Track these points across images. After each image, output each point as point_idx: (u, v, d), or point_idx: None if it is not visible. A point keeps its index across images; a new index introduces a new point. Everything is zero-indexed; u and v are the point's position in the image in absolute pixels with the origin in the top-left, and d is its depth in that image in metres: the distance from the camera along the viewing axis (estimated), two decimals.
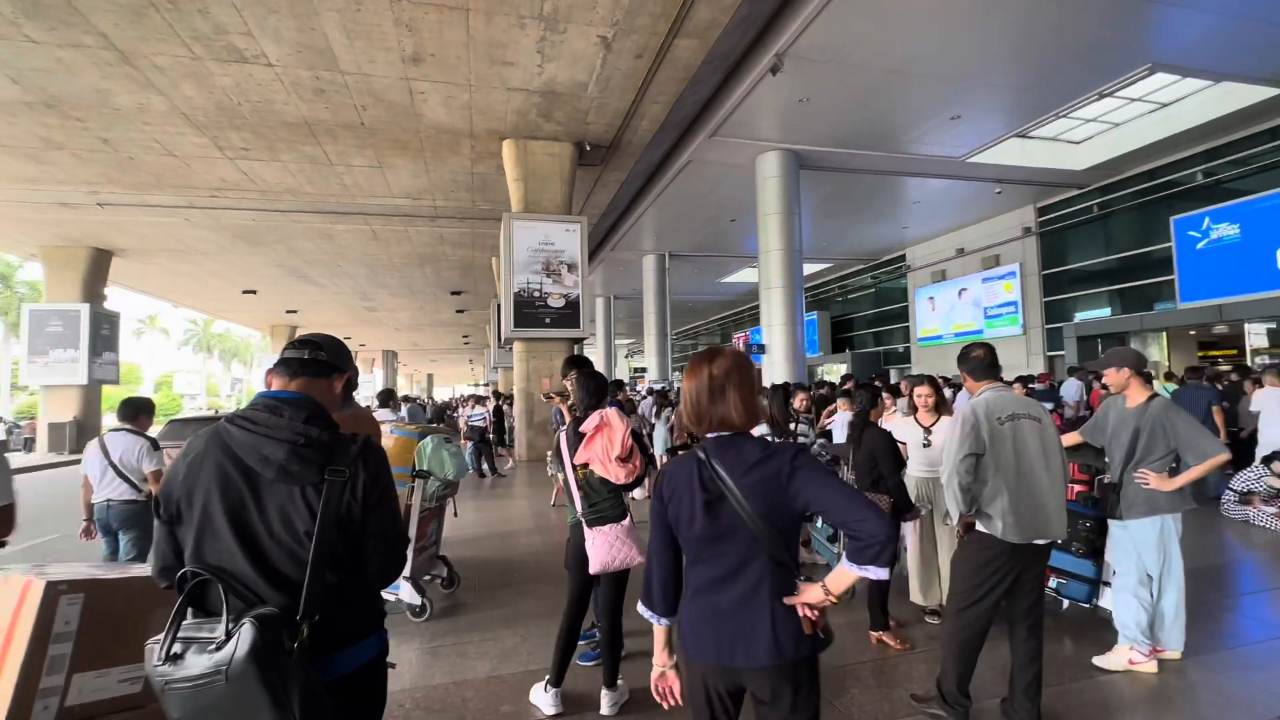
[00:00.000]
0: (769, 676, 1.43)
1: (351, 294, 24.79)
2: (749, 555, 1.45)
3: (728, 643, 1.45)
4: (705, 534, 1.47)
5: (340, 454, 1.37)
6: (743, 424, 1.51)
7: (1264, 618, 3.65)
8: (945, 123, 10.71)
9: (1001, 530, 2.42)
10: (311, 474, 1.32)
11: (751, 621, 1.44)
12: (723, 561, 1.48)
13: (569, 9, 7.46)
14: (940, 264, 18.94)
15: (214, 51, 8.04)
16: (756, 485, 1.43)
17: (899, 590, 3.90)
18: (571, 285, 11.46)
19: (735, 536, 1.45)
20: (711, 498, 1.46)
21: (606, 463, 2.66)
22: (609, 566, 2.69)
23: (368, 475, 1.37)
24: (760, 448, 1.48)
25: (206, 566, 1.28)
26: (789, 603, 1.44)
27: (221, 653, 1.15)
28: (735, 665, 1.45)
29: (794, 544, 1.50)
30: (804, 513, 1.46)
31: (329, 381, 1.52)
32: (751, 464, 1.45)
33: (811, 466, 1.44)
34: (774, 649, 1.42)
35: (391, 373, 46.99)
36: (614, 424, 2.70)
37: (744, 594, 1.45)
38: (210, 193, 13.09)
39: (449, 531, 5.93)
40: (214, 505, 1.31)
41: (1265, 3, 7.55)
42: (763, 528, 1.42)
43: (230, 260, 18.97)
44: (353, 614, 1.38)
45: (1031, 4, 7.43)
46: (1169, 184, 12.85)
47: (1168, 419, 3.00)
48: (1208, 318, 12.05)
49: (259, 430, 1.33)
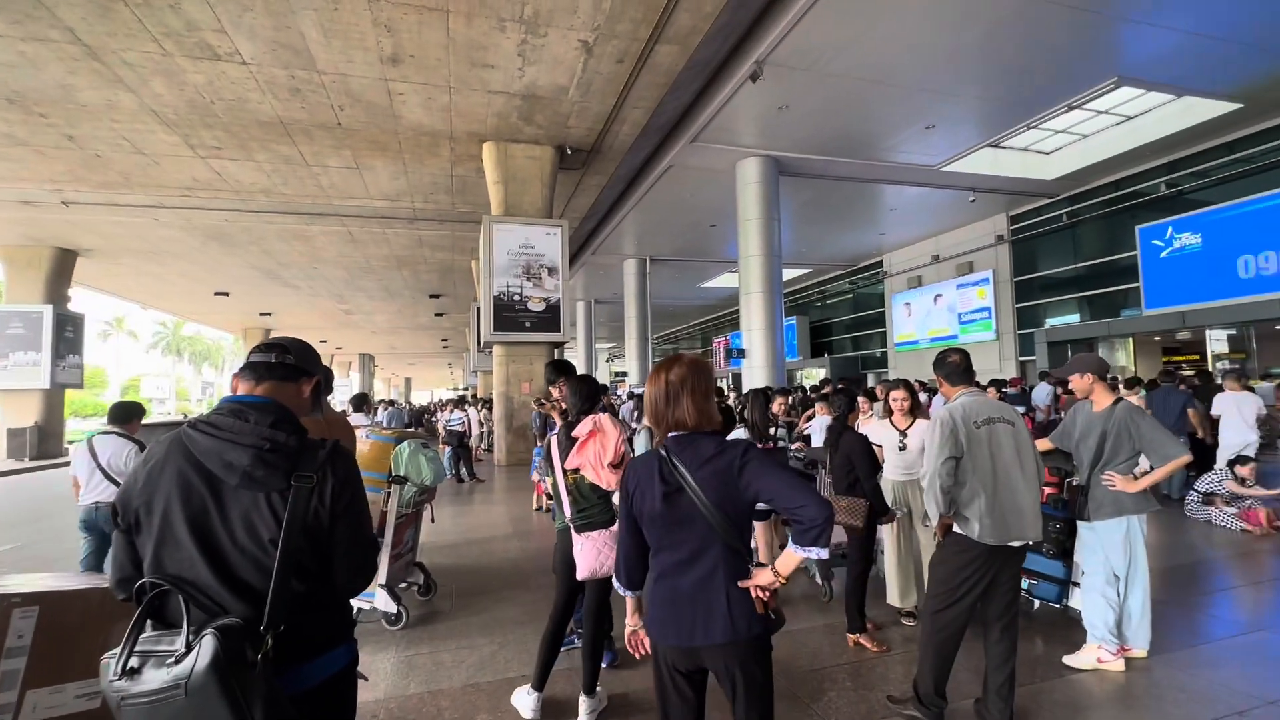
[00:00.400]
0: (725, 653, 1.56)
1: (327, 296, 24.39)
2: (705, 542, 1.58)
3: (687, 625, 1.57)
4: (666, 522, 1.61)
5: (308, 459, 1.33)
6: (695, 425, 1.65)
7: (1225, 616, 3.76)
8: (920, 132, 10.92)
9: (978, 532, 2.46)
10: (277, 480, 1.29)
11: (708, 603, 1.56)
12: (682, 548, 1.61)
13: (550, 13, 7.45)
14: (916, 270, 19.27)
15: (186, 48, 7.87)
16: (711, 478, 1.56)
17: (876, 593, 3.94)
18: (552, 289, 11.42)
19: (693, 525, 1.58)
20: (671, 489, 1.60)
21: (599, 469, 2.64)
22: (596, 573, 2.68)
23: (336, 481, 1.33)
24: (714, 444, 1.62)
25: (166, 577, 1.24)
26: (743, 585, 1.57)
27: (181, 666, 1.11)
28: (695, 645, 1.57)
29: (746, 532, 1.63)
30: (754, 502, 1.58)
31: (297, 386, 1.48)
32: (706, 459, 1.59)
33: (759, 460, 1.57)
34: (730, 628, 1.54)
35: (368, 376, 46.30)
36: (607, 430, 2.69)
37: (701, 577, 1.58)
38: (181, 192, 12.79)
39: (426, 538, 5.85)
40: (175, 513, 1.26)
41: (1222, 21, 7.85)
42: (717, 517, 1.55)
43: (201, 261, 18.53)
44: (320, 624, 1.34)
45: (1001, 18, 7.62)
46: (1134, 194, 13.26)
47: (1132, 422, 3.09)
48: (1171, 324, 12.43)
49: (223, 435, 1.29)
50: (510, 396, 11.53)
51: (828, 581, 4.13)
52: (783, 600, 4.05)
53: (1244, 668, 3.03)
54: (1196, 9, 7.60)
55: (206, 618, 1.19)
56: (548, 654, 2.78)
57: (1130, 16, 7.68)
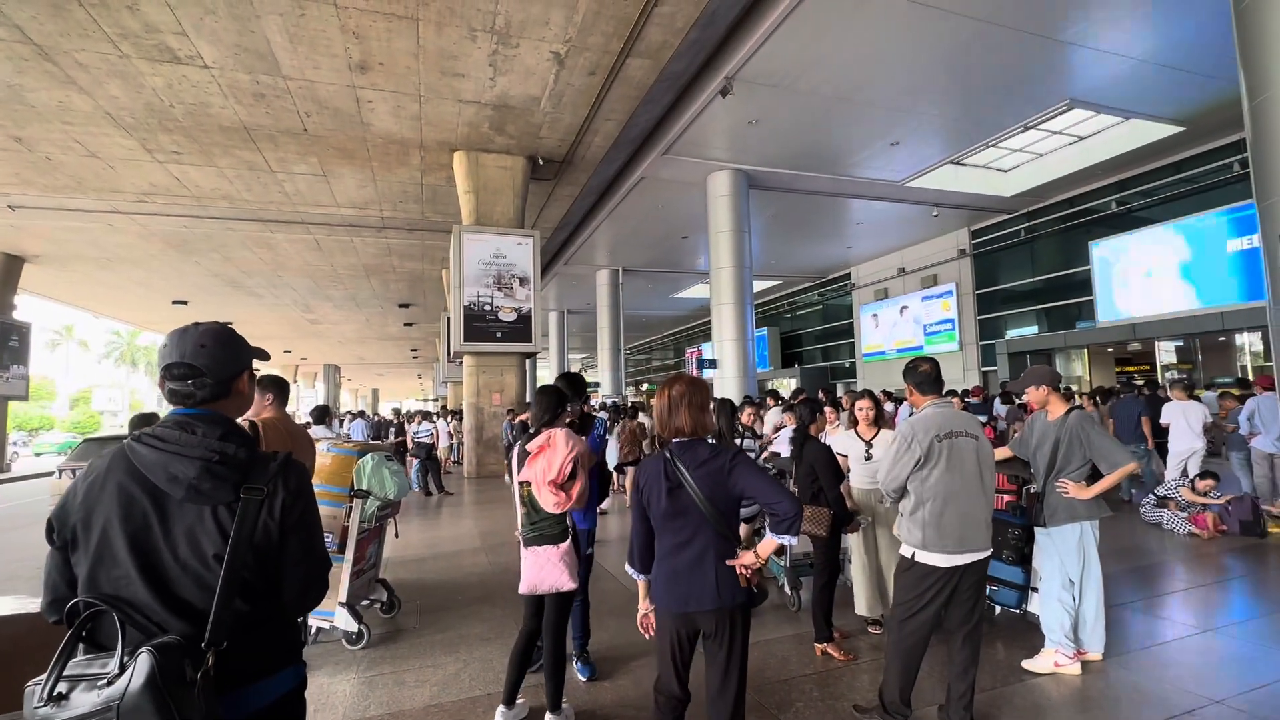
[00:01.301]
0: (713, 617, 1.94)
1: (292, 305, 23.80)
2: (699, 529, 1.96)
3: (682, 595, 1.96)
4: (667, 512, 1.98)
5: (258, 471, 1.28)
6: (690, 432, 2.02)
7: (1175, 617, 3.89)
8: (885, 148, 11.22)
9: (922, 541, 2.51)
10: (225, 492, 1.23)
11: (701, 577, 1.94)
12: (681, 533, 1.98)
13: (521, 24, 7.46)
14: (883, 282, 19.71)
15: (144, 51, 7.65)
16: (706, 477, 1.93)
17: (845, 602, 3.97)
18: (524, 299, 11.35)
19: (689, 515, 1.96)
20: (673, 485, 1.97)
21: (541, 485, 2.59)
22: (535, 589, 2.63)
23: (287, 493, 1.28)
24: (709, 450, 1.99)
25: (102, 596, 1.17)
26: (729, 564, 1.95)
27: (113, 687, 1.04)
28: (689, 611, 1.96)
29: (734, 521, 2.00)
30: (740, 498, 1.96)
31: (231, 387, 1.38)
32: (702, 461, 1.96)
33: (745, 463, 1.96)
34: (717, 596, 1.93)
35: (334, 387, 45.22)
36: (557, 445, 2.63)
37: (695, 557, 1.96)
38: (137, 197, 12.37)
39: (390, 553, 5.71)
40: (114, 529, 1.20)
41: (1164, 50, 8.28)
42: (710, 509, 1.93)
43: (158, 269, 17.92)
44: (266, 645, 1.29)
45: (960, 42, 7.91)
46: (1087, 211, 13.82)
47: (1083, 430, 3.19)
48: (1123, 335, 12.95)
49: (168, 448, 1.23)
50: (481, 408, 11.39)
51: (796, 591, 4.15)
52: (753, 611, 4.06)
53: (1193, 668, 3.13)
54: (1141, 37, 8.00)
55: (144, 639, 1.12)
56: (516, 670, 2.72)
57: (1081, 43, 8.05)
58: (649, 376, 39.89)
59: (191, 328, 1.37)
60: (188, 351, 1.32)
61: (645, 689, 3.05)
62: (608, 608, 4.29)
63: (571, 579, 2.65)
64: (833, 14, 7.28)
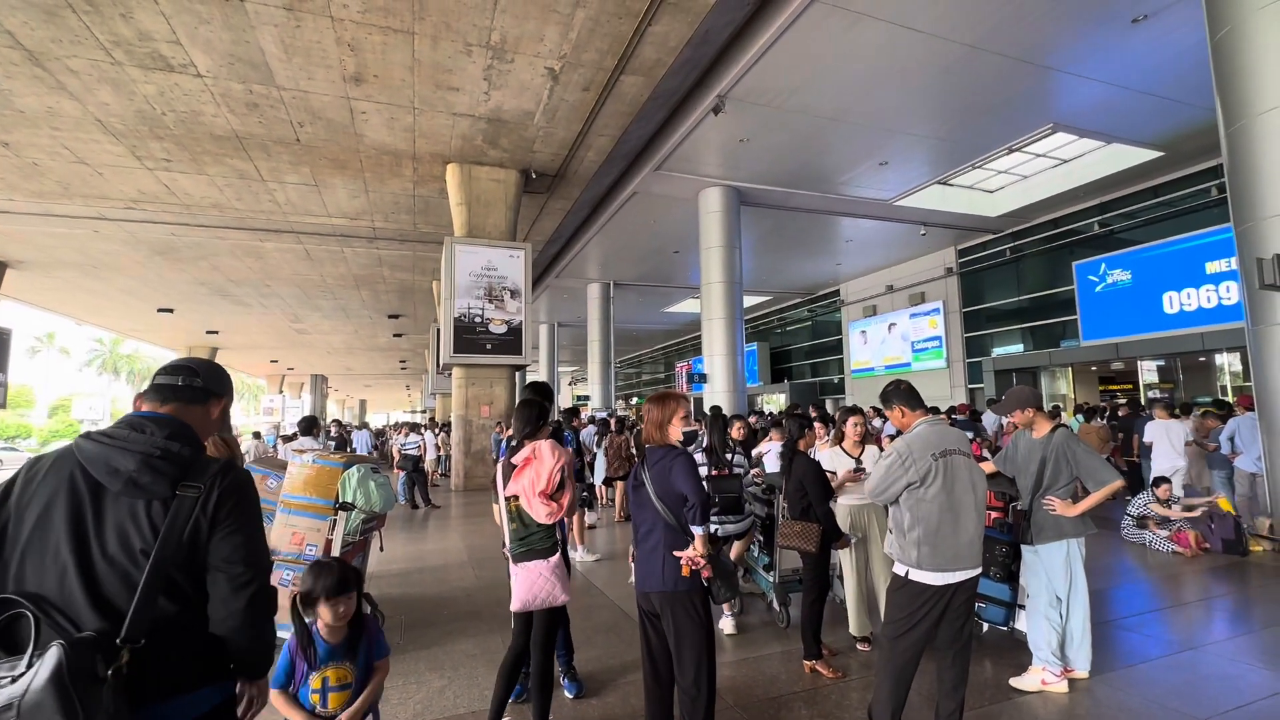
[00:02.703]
0: (661, 599, 2.27)
1: (280, 315, 23.61)
2: (654, 522, 2.32)
3: (642, 576, 2.34)
4: (634, 506, 2.41)
5: (198, 470, 1.26)
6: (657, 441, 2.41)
7: (1160, 635, 3.91)
8: (874, 168, 11.40)
9: (918, 560, 2.51)
10: (162, 487, 1.21)
11: (654, 563, 2.28)
12: (644, 524, 2.36)
13: (516, 40, 7.54)
14: (871, 299, 19.90)
15: (137, 58, 7.64)
16: (656, 475, 2.32)
17: (838, 619, 3.96)
18: (514, 311, 11.34)
19: (647, 508, 2.33)
20: (637, 484, 2.39)
21: (530, 497, 2.58)
22: (528, 605, 2.60)
23: (222, 491, 1.26)
24: (663, 453, 2.35)
25: (24, 593, 1.14)
26: (676, 554, 2.24)
27: (16, 685, 0.98)
28: (646, 591, 2.32)
29: (680, 516, 2.27)
30: (680, 493, 2.25)
31: (205, 408, 1.42)
32: (655, 462, 2.35)
33: (681, 464, 2.29)
34: (662, 580, 2.26)
35: (321, 398, 44.75)
36: (544, 457, 2.62)
37: (651, 546, 2.31)
38: (125, 204, 12.28)
39: (375, 566, 5.64)
40: (47, 523, 1.18)
41: (1143, 77, 8.51)
42: (659, 503, 2.28)
43: (144, 276, 17.74)
44: (187, 656, 1.23)
45: (947, 65, 8.09)
46: (1071, 232, 14.08)
47: (1069, 449, 3.23)
48: (1106, 355, 13.14)
49: (113, 444, 1.23)
50: (469, 420, 11.32)
51: (784, 608, 4.14)
52: (742, 628, 4.05)
53: (1177, 687, 3.15)
54: (1121, 64, 8.22)
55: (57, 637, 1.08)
56: (504, 688, 2.68)
57: (1063, 68, 8.26)
58: (639, 390, 39.86)
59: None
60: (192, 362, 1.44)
61: (633, 706, 3.02)
62: (597, 623, 4.25)
63: (565, 592, 2.64)
64: (823, 36, 7.43)
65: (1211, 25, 5.86)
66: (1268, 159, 5.45)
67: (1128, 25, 7.43)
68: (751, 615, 4.37)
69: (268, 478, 3.90)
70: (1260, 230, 5.52)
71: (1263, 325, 5.63)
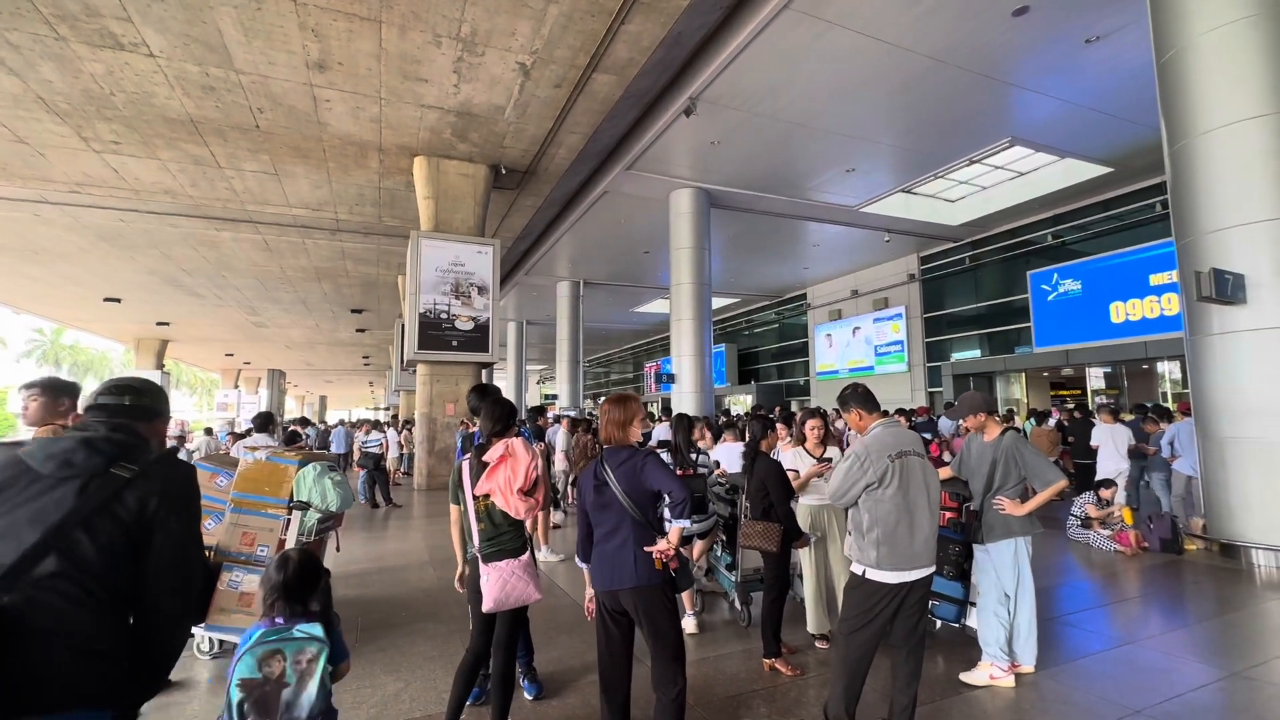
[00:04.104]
0: (634, 595, 2.28)
1: (236, 307, 22.79)
2: (621, 519, 2.32)
3: (608, 575, 2.31)
4: (595, 505, 2.38)
5: (136, 454, 1.22)
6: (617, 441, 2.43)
7: (1102, 631, 4.08)
8: (841, 174, 11.62)
9: (875, 560, 2.56)
10: (98, 464, 1.17)
11: (623, 560, 2.29)
12: (607, 524, 2.35)
13: (488, 33, 7.44)
14: (837, 303, 20.29)
15: (83, 34, 7.27)
16: (623, 474, 2.32)
17: (798, 618, 4.02)
18: (481, 308, 11.18)
19: (612, 507, 2.33)
20: (599, 483, 2.36)
21: (508, 495, 2.55)
22: (503, 605, 2.56)
23: (162, 480, 1.21)
24: (628, 453, 2.38)
25: None
26: (646, 550, 2.28)
27: None
28: (614, 589, 2.30)
29: (650, 513, 2.33)
30: (652, 490, 2.31)
31: (151, 425, 1.40)
32: (621, 462, 2.36)
33: (653, 462, 2.34)
34: (635, 576, 2.27)
35: (279, 393, 43.40)
36: (519, 454, 2.60)
37: (619, 543, 2.31)
38: (69, 188, 11.67)
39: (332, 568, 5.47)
40: None
41: (1095, 95, 8.89)
42: (628, 501, 2.30)
43: (90, 264, 16.90)
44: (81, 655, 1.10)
45: (911, 77, 8.30)
46: (1026, 242, 14.61)
47: (1017, 451, 3.35)
48: (1057, 361, 13.68)
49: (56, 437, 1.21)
50: (433, 418, 11.12)
51: (746, 607, 4.18)
52: (704, 627, 4.08)
53: (1116, 679, 3.29)
54: (1075, 83, 8.57)
55: None
56: (461, 690, 2.63)
57: (1022, 84, 8.56)
58: (607, 390, 39.81)
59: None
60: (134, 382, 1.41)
61: (594, 707, 3.00)
62: (558, 623, 4.22)
63: (538, 590, 2.62)
64: (794, 43, 7.54)
65: (1158, 48, 6.15)
66: (1207, 177, 5.74)
67: (1082, 45, 7.74)
68: (714, 614, 4.40)
69: (217, 475, 3.76)
70: (1199, 245, 5.81)
71: (1200, 335, 5.93)
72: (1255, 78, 5.49)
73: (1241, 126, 5.52)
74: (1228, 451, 5.70)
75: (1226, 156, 5.61)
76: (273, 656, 1.70)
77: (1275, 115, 5.42)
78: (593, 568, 2.38)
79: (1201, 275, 5.53)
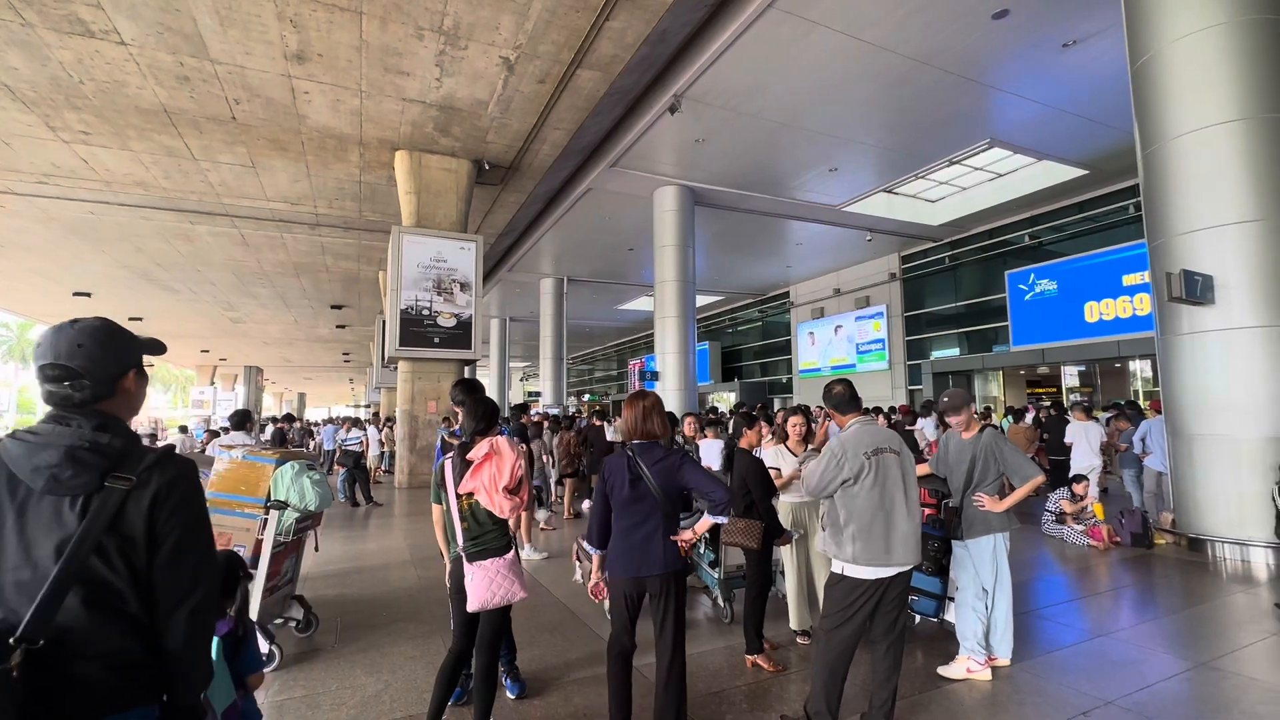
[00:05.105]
0: (660, 580, 2.47)
1: (212, 302, 22.34)
2: (652, 511, 2.49)
3: (637, 562, 2.47)
4: (629, 498, 2.51)
5: (131, 461, 1.15)
6: (659, 435, 2.60)
7: (1075, 624, 4.17)
8: (824, 174, 11.70)
9: (852, 555, 2.59)
10: (90, 480, 1.11)
11: (653, 548, 2.47)
12: (638, 515, 2.50)
13: (470, 27, 7.36)
14: (819, 302, 20.46)
15: (51, 20, 7.06)
16: (660, 472, 2.48)
17: (775, 613, 4.04)
18: (464, 305, 11.09)
19: (645, 500, 2.49)
20: (634, 477, 2.51)
21: (493, 493, 2.52)
22: (488, 604, 2.54)
23: (163, 484, 1.14)
24: (663, 451, 2.56)
25: None
26: (673, 539, 2.50)
27: None
28: (642, 575, 2.47)
29: (678, 506, 2.53)
30: (685, 487, 2.51)
31: (115, 394, 1.24)
32: (657, 459, 2.51)
33: (690, 463, 2.54)
34: (664, 563, 2.46)
35: (256, 390, 42.66)
36: (504, 453, 2.57)
37: (649, 533, 2.49)
38: (37, 178, 11.34)
39: (311, 567, 5.42)
40: None
41: (1072, 99, 9.05)
42: (662, 496, 2.47)
43: (59, 257, 16.46)
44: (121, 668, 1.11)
45: (894, 78, 8.38)
46: (1004, 242, 14.85)
47: (997, 447, 3.41)
48: (1033, 360, 13.94)
49: (36, 440, 1.13)
50: (415, 415, 11.01)
51: (729, 604, 4.20)
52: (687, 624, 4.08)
53: (1088, 671, 3.36)
54: (1052, 86, 8.72)
55: None
56: (443, 690, 2.61)
57: (1001, 87, 8.69)
58: (591, 387, 39.74)
59: (68, 325, 1.22)
60: (63, 352, 1.17)
61: (576, 706, 3.00)
62: (541, 622, 4.21)
63: (523, 588, 2.61)
64: (778, 42, 7.56)
65: (1132, 53, 6.27)
66: (1179, 180, 5.87)
67: (1059, 50, 7.87)
68: (696, 611, 4.42)
69: None
70: (1171, 247, 5.95)
71: (1170, 335, 6.08)
72: (1224, 84, 5.63)
73: (1211, 131, 5.66)
74: (1195, 448, 5.85)
75: (1197, 160, 5.74)
76: None
77: (1243, 121, 5.56)
78: (616, 555, 2.52)
79: (1172, 276, 5.66)
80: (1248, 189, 5.54)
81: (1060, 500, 6.79)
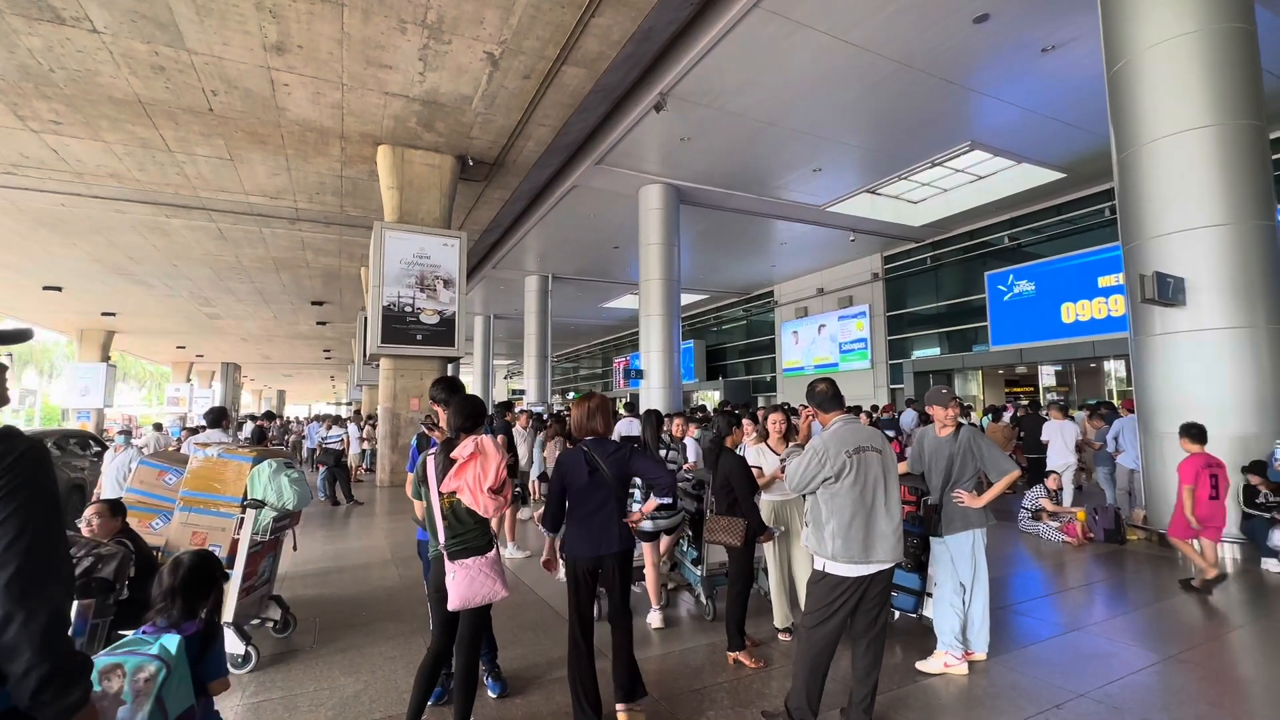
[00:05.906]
0: (615, 558, 2.79)
1: (189, 297, 21.89)
2: (607, 498, 2.79)
3: (596, 542, 2.77)
4: (588, 487, 2.79)
5: None
6: (602, 432, 2.93)
7: (1049, 618, 4.25)
8: (808, 174, 11.78)
9: (832, 552, 2.61)
10: None
11: (609, 530, 2.79)
12: (594, 502, 2.79)
13: (454, 21, 7.29)
14: (803, 301, 20.60)
15: (19, 6, 6.85)
16: (614, 462, 2.80)
17: (757, 610, 4.07)
18: (447, 302, 10.99)
19: (601, 489, 2.79)
20: (591, 468, 2.80)
21: (477, 493, 2.50)
22: (469, 603, 2.52)
23: None
24: (615, 444, 2.88)
25: None
26: (625, 520, 2.85)
27: None
28: (600, 554, 2.77)
29: (626, 491, 2.89)
30: (636, 475, 2.91)
31: None
32: (610, 452, 2.83)
33: (637, 454, 2.89)
34: (619, 541, 2.79)
35: (234, 388, 41.92)
36: (489, 452, 2.55)
37: (606, 517, 2.79)
38: (5, 169, 11.02)
39: (289, 566, 5.35)
40: None
41: (1051, 103, 9.20)
42: (615, 485, 2.79)
43: (28, 250, 16.00)
44: None
45: (877, 79, 8.46)
46: (984, 244, 15.07)
47: (975, 444, 3.46)
48: (1011, 360, 14.17)
49: None
50: (397, 413, 10.89)
51: (711, 600, 4.22)
52: (669, 622, 4.12)
53: (1062, 665, 3.43)
54: (1032, 91, 8.85)
55: None
56: (422, 690, 2.59)
57: (981, 90, 8.80)
58: (576, 385, 39.65)
59: None
60: None
61: (558, 704, 2.99)
62: (522, 621, 4.19)
63: (504, 587, 2.60)
64: (763, 42, 7.59)
65: (1109, 59, 6.39)
66: (1152, 184, 6.00)
67: (1038, 54, 8.00)
68: (678, 608, 4.43)
69: (165, 473, 3.61)
70: (1144, 249, 6.08)
71: (1143, 336, 6.21)
72: (1198, 90, 5.76)
73: (1184, 136, 5.78)
74: (1166, 446, 5.98)
75: (1170, 165, 5.87)
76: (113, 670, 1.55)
77: (1216, 127, 5.70)
78: (574, 537, 2.79)
79: (1145, 278, 5.78)
80: (1218, 194, 5.68)
81: (1040, 499, 6.91)
